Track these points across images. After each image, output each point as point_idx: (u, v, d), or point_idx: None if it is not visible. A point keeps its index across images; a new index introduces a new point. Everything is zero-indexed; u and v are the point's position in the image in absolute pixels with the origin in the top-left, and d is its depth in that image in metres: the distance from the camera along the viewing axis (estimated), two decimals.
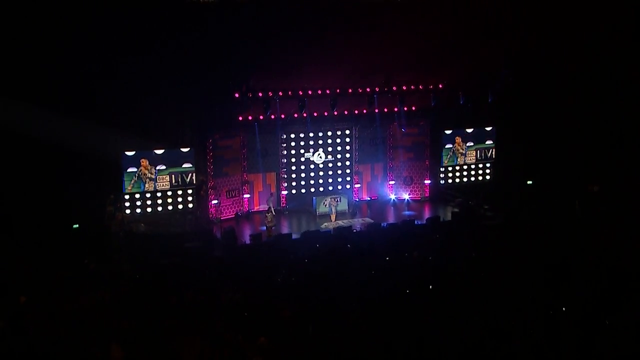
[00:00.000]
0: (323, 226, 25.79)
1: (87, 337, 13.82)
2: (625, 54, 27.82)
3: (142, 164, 25.02)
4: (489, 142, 30.38)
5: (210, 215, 26.31)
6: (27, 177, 22.14)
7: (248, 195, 27.57)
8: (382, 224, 25.66)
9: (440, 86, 28.17)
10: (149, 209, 25.43)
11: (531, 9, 27.16)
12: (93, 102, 22.88)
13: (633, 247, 19.86)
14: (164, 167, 25.36)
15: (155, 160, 25.22)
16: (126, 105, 23.41)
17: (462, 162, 30.25)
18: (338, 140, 29.03)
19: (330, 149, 28.93)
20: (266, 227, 24.90)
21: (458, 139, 29.95)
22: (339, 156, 29.17)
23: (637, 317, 13.99)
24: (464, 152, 30.11)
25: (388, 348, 12.96)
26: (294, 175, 28.55)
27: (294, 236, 24.14)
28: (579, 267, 17.93)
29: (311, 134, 28.43)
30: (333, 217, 26.58)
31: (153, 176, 25.20)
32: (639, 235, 21.06)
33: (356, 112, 28.13)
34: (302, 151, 28.54)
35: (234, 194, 27.24)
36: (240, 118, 26.30)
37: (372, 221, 26.42)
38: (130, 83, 22.93)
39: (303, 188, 28.72)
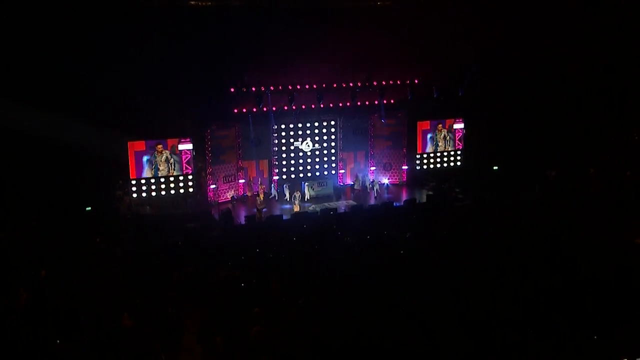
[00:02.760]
0: (311, 209, 25.90)
1: (100, 306, 14.11)
2: (581, 52, 28.26)
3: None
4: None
5: (209, 199, 26.53)
6: (46, 167, 22.34)
7: (243, 180, 27.79)
8: (364, 206, 25.97)
9: (416, 81, 28.40)
10: (153, 193, 25.68)
11: (495, 14, 27.42)
12: (101, 99, 23.00)
13: (583, 223, 20.45)
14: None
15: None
16: (131, 100, 23.50)
17: (442, 149, 30.86)
18: (324, 130, 29.30)
19: (317, 138, 29.19)
20: (257, 209, 25.09)
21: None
22: (325, 145, 29.45)
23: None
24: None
25: (369, 317, 13.35)
26: (284, 162, 28.79)
27: (284, 217, 24.46)
28: (537, 242, 18.46)
29: (300, 125, 28.69)
30: (296, 208, 25.80)
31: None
32: (588, 213, 21.66)
33: (340, 104, 28.31)
34: (291, 140, 28.78)
35: (230, 179, 27.47)
36: (236, 110, 26.43)
37: (355, 203, 26.76)
38: (135, 80, 23.01)
39: (292, 174, 28.97)
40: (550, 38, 27.76)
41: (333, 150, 29.66)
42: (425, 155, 30.68)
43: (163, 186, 25.78)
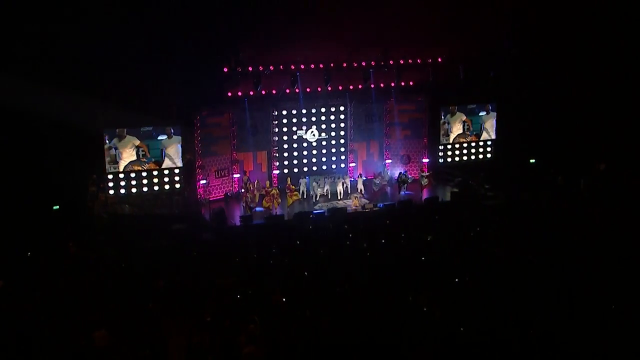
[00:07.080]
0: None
1: (69, 322, 13.83)
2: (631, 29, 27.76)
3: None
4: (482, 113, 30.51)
5: (199, 196, 26.19)
6: (5, 159, 21.99)
7: (238, 175, 27.46)
8: (379, 205, 25.59)
9: (439, 60, 28.00)
10: (133, 190, 25.26)
11: None
12: (75, 76, 22.55)
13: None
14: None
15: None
16: (109, 79, 23.13)
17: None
18: (332, 117, 28.81)
19: (324, 126, 28.73)
20: (248, 205, 24.98)
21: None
22: (333, 134, 28.98)
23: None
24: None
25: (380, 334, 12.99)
26: (286, 154, 28.38)
27: (286, 217, 24.22)
28: (582, 246, 18.07)
29: (304, 111, 28.20)
30: (355, 203, 25.84)
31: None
32: None
33: (351, 87, 27.90)
34: (294, 128, 28.32)
35: (223, 174, 27.11)
36: (230, 94, 26.04)
37: (368, 202, 26.37)
38: (114, 56, 22.64)
39: (296, 167, 28.55)
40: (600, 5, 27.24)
41: (342, 140, 29.19)
42: (449, 147, 30.31)
43: (145, 181, 25.39)
